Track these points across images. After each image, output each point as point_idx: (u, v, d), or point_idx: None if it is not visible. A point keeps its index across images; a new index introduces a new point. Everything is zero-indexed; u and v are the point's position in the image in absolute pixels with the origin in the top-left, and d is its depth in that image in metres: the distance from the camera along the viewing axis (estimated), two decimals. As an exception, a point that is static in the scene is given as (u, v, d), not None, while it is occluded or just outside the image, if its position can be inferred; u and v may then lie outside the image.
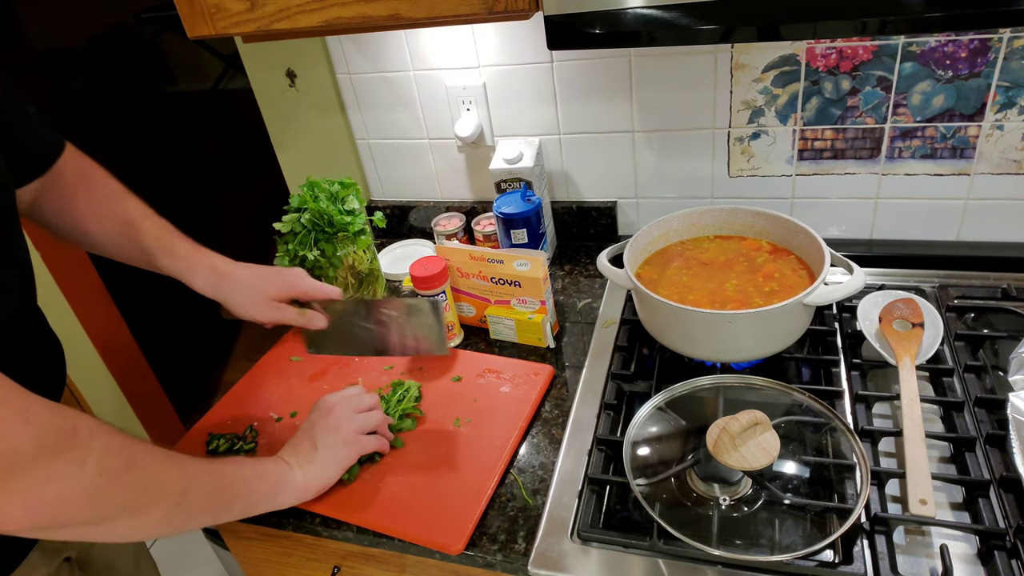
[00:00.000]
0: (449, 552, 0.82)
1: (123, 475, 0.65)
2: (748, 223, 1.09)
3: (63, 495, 0.60)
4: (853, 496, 0.77)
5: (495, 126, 1.31)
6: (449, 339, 1.16)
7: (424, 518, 0.86)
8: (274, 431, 1.03)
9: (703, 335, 0.95)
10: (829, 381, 0.96)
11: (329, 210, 1.14)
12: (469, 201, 1.43)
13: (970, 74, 1.03)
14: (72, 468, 0.61)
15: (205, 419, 1.08)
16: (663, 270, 1.07)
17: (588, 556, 0.79)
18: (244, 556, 1.06)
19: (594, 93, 1.22)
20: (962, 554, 0.74)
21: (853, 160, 1.15)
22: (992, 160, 1.09)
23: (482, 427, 0.97)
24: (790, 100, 1.12)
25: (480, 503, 0.87)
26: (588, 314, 1.19)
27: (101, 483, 0.63)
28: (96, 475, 0.62)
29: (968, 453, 0.83)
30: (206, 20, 0.95)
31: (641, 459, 0.85)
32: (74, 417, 0.63)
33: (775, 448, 0.79)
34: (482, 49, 1.23)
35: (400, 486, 0.91)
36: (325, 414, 0.91)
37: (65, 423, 0.61)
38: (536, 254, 1.09)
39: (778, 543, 0.76)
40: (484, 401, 1.02)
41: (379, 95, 1.35)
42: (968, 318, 1.04)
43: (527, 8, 0.83)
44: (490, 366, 1.08)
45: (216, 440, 1.02)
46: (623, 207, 1.33)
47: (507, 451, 0.93)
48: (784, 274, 1.01)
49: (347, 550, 0.94)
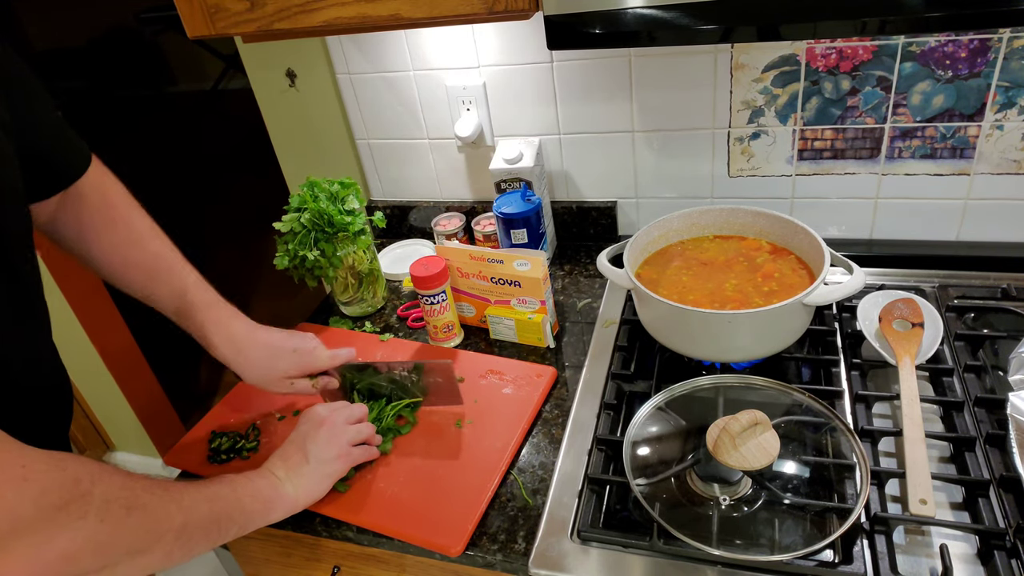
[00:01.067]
0: (448, 554, 0.83)
1: (125, 520, 0.63)
2: (748, 223, 1.09)
3: (67, 551, 0.58)
4: (853, 496, 0.77)
5: (495, 126, 1.31)
6: (449, 339, 1.16)
7: (424, 519, 0.86)
8: (277, 430, 1.04)
9: (703, 335, 0.95)
10: (829, 381, 0.96)
11: (329, 210, 1.14)
12: (469, 201, 1.43)
13: (970, 74, 1.03)
14: (74, 521, 0.59)
15: (208, 417, 1.08)
16: (663, 270, 1.07)
17: (588, 556, 0.79)
18: (244, 556, 1.07)
19: (594, 93, 1.22)
20: (962, 554, 0.74)
21: (853, 160, 1.15)
22: (992, 160, 1.09)
23: (483, 428, 0.97)
24: (790, 100, 1.12)
25: (480, 505, 0.86)
26: (588, 314, 1.19)
27: (104, 531, 0.61)
28: (99, 524, 0.61)
29: (968, 453, 0.83)
30: (206, 20, 0.95)
31: (641, 459, 0.85)
32: (73, 466, 0.60)
33: (775, 448, 0.79)
34: (482, 49, 1.23)
35: (400, 487, 0.91)
36: (316, 426, 0.89)
37: (65, 475, 0.59)
38: (536, 254, 1.10)
39: (778, 543, 0.76)
40: (486, 402, 1.02)
41: (379, 95, 1.35)
42: (968, 318, 1.04)
43: (527, 8, 0.82)
44: (493, 367, 1.08)
45: (219, 438, 1.02)
46: (623, 207, 1.33)
47: (508, 453, 0.93)
48: (784, 274, 1.01)
49: (347, 550, 0.94)
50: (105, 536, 0.61)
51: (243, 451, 1.00)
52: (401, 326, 1.24)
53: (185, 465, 1.01)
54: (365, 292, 1.26)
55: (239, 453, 1.00)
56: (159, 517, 0.67)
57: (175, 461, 1.02)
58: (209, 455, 1.01)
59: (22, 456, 0.57)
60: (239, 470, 0.97)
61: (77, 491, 0.59)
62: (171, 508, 0.68)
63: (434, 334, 1.16)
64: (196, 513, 0.71)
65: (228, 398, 1.11)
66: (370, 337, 1.21)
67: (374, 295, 1.28)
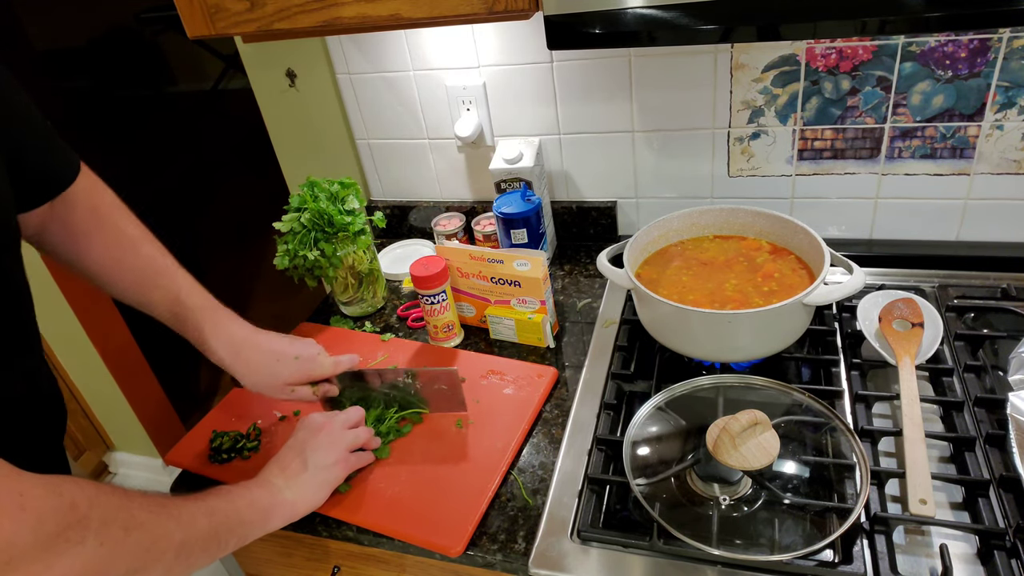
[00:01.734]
0: (448, 554, 0.83)
1: (124, 541, 0.62)
2: (748, 223, 1.09)
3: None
4: (853, 496, 0.77)
5: (495, 126, 1.31)
6: (449, 339, 1.16)
7: (424, 519, 0.86)
8: (278, 430, 1.04)
9: (703, 335, 0.96)
10: (829, 381, 0.96)
11: (329, 210, 1.14)
12: (469, 201, 1.43)
13: (970, 74, 1.03)
14: (73, 548, 0.58)
15: (209, 416, 1.08)
16: (663, 270, 1.07)
17: (588, 556, 0.79)
18: (244, 556, 1.07)
19: (594, 93, 1.22)
20: (962, 554, 0.74)
21: (853, 160, 1.15)
22: (992, 160, 1.09)
23: (484, 429, 0.97)
24: (790, 100, 1.12)
25: (480, 506, 0.87)
26: (588, 314, 1.19)
27: (103, 554, 0.60)
28: (97, 547, 0.60)
29: (968, 453, 0.83)
30: (206, 20, 0.95)
31: (641, 459, 0.85)
32: (70, 490, 0.59)
33: (775, 448, 0.79)
34: (482, 49, 1.23)
35: (401, 487, 0.91)
36: (315, 432, 0.89)
37: (62, 500, 0.58)
38: (536, 254, 1.10)
39: (778, 543, 0.76)
40: (487, 403, 1.02)
41: (379, 95, 1.35)
42: (968, 318, 1.04)
43: (527, 8, 0.83)
44: (494, 367, 1.08)
45: (220, 438, 1.02)
46: (623, 207, 1.33)
47: (509, 453, 0.93)
48: (784, 274, 1.01)
49: (347, 550, 0.94)
50: (104, 559, 0.60)
51: (244, 450, 1.00)
52: (401, 326, 1.25)
53: (186, 464, 1.01)
54: (365, 292, 1.26)
55: (240, 452, 1.00)
56: (158, 536, 0.66)
57: (176, 460, 1.02)
58: (210, 454, 1.01)
59: (19, 483, 0.56)
60: (240, 469, 0.97)
61: (74, 516, 0.58)
62: (170, 525, 0.68)
63: (434, 334, 1.16)
64: (195, 528, 0.71)
65: (229, 398, 1.11)
66: (372, 337, 1.21)
67: (374, 295, 1.28)
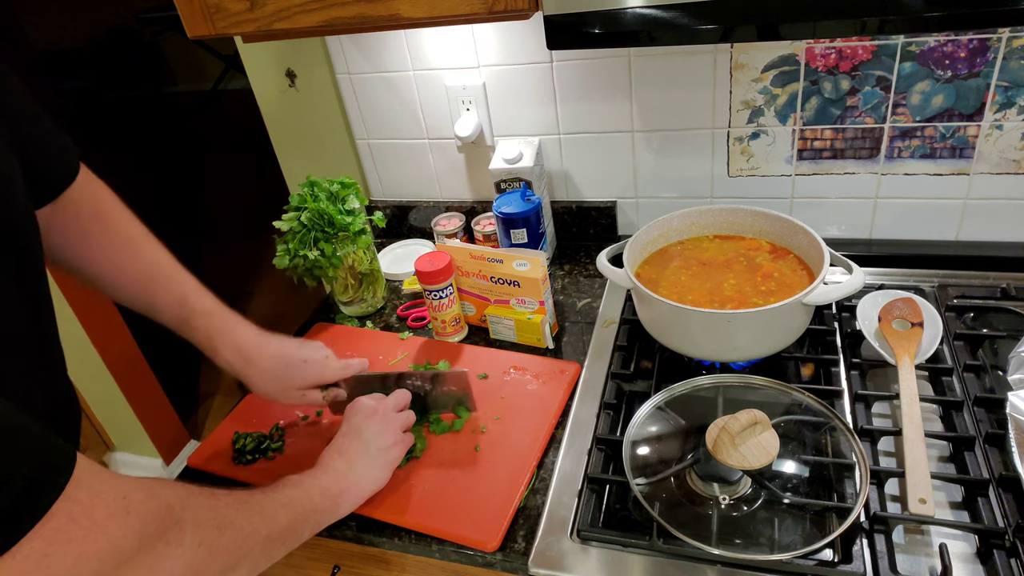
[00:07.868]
0: (485, 549, 0.82)
1: (218, 540, 0.63)
2: (748, 223, 1.10)
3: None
4: (852, 495, 0.77)
5: (495, 126, 1.32)
6: (457, 333, 1.17)
7: (456, 516, 0.86)
8: (301, 430, 1.03)
9: (703, 335, 0.96)
10: (828, 381, 0.96)
11: (329, 210, 1.14)
12: (469, 201, 1.43)
13: (969, 74, 1.03)
14: (172, 550, 0.58)
15: (231, 417, 1.07)
16: (662, 270, 1.07)
17: (588, 555, 0.80)
18: (244, 556, 1.06)
19: (594, 93, 1.22)
20: (961, 553, 0.74)
21: (852, 160, 1.15)
22: (991, 160, 1.09)
23: (511, 425, 0.97)
24: (789, 100, 1.12)
25: (513, 500, 0.87)
26: (588, 314, 1.19)
27: (201, 555, 0.61)
28: (196, 549, 0.60)
29: (967, 452, 0.83)
30: (206, 20, 0.95)
31: (641, 459, 0.85)
32: (164, 492, 0.60)
33: (774, 447, 0.79)
34: (482, 49, 1.23)
35: (431, 483, 0.91)
36: (369, 416, 0.90)
37: (159, 502, 0.58)
38: (536, 254, 1.10)
39: (778, 542, 0.76)
40: (512, 398, 1.02)
41: (379, 95, 1.35)
42: (967, 318, 1.04)
43: (527, 8, 0.83)
44: (516, 363, 1.08)
45: (243, 439, 1.01)
46: (623, 207, 1.33)
47: (538, 447, 0.93)
48: (783, 274, 1.01)
49: (347, 550, 0.94)
50: (203, 560, 0.61)
51: (268, 451, 0.99)
52: (401, 326, 1.25)
53: (211, 467, 1.00)
54: (365, 292, 1.26)
55: (264, 453, 0.99)
56: (247, 532, 0.67)
57: (199, 463, 1.01)
58: (234, 456, 1.00)
59: (121, 487, 0.56)
60: (265, 471, 0.97)
61: (171, 519, 0.59)
62: (256, 521, 0.68)
63: (441, 329, 1.16)
64: (276, 522, 0.71)
65: (251, 398, 1.09)
66: (390, 336, 1.21)
67: (374, 295, 1.28)
